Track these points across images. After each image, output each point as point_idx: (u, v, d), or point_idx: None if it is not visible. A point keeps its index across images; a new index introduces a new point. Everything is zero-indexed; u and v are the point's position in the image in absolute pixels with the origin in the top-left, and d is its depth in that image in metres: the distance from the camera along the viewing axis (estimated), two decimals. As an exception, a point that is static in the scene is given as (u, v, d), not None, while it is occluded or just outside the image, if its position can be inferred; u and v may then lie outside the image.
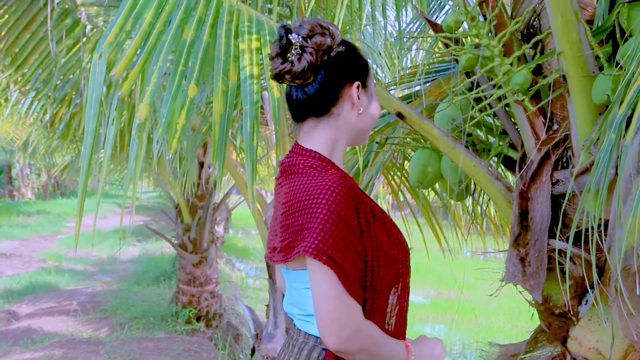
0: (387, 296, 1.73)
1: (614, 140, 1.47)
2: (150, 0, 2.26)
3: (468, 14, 2.36)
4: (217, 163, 2.11)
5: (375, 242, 1.69)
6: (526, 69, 2.32)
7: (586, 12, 2.31)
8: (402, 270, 1.75)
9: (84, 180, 2.09)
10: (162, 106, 2.11)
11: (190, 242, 8.80)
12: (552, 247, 2.34)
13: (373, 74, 1.85)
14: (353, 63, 1.78)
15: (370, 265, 1.68)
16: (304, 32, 1.72)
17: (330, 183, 1.65)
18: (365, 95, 1.80)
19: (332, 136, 1.79)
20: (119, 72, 2.11)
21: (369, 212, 1.70)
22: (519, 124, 2.47)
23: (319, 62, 1.73)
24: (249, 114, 2.17)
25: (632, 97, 1.41)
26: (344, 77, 1.76)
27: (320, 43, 1.72)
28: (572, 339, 2.38)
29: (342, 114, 1.78)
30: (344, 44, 1.78)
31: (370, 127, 1.86)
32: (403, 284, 1.78)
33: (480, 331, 10.46)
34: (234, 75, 2.26)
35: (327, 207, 1.60)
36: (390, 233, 1.74)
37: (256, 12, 2.54)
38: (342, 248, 1.59)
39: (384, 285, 1.71)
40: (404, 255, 1.76)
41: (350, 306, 1.62)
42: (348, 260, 1.60)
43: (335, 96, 1.76)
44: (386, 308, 1.73)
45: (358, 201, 1.67)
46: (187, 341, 7.72)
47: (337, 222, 1.60)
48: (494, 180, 2.47)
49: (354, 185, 1.70)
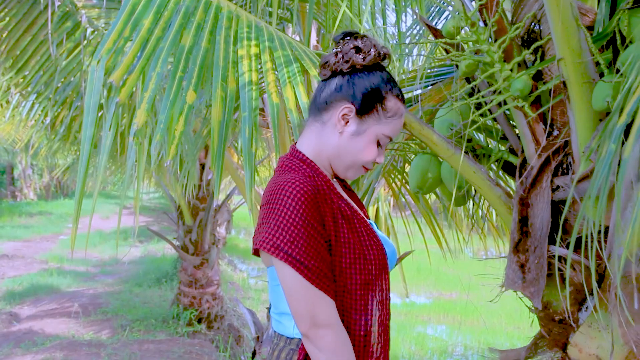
0: (362, 298, 1.74)
1: (614, 150, 1.46)
2: (149, 6, 2.25)
3: (468, 20, 2.35)
4: (215, 169, 2.10)
5: (342, 239, 1.71)
6: (526, 75, 2.30)
7: (587, 18, 2.30)
8: (375, 272, 1.75)
9: (81, 186, 2.08)
10: (161, 112, 2.10)
11: (192, 244, 8.80)
12: (552, 253, 2.33)
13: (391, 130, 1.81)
14: (361, 89, 1.78)
15: (338, 261, 1.70)
16: (352, 41, 1.80)
17: (292, 181, 1.68)
18: (355, 125, 1.78)
19: (318, 143, 1.83)
20: (117, 78, 2.10)
21: (336, 212, 1.73)
22: (519, 129, 2.47)
23: (338, 68, 1.80)
24: (248, 120, 2.17)
25: (632, 107, 1.40)
26: (342, 92, 1.79)
27: (348, 54, 1.78)
28: (572, 346, 2.37)
29: (328, 124, 1.81)
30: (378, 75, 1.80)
31: (348, 162, 1.82)
32: (381, 287, 1.78)
33: (482, 333, 10.46)
34: (232, 82, 2.25)
35: (283, 203, 1.64)
36: (361, 234, 1.76)
37: (255, 17, 2.54)
38: (301, 243, 1.62)
39: (356, 284, 1.72)
40: (377, 258, 1.76)
41: (320, 300, 1.65)
42: (310, 254, 1.63)
43: (327, 103, 1.81)
44: (366, 310, 1.74)
45: (323, 200, 1.70)
46: (188, 343, 7.72)
47: (293, 218, 1.63)
48: (494, 186, 2.46)
49: (322, 184, 1.75)
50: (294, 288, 1.65)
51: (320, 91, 1.84)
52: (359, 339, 1.74)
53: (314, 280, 1.63)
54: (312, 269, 1.63)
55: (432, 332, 10.91)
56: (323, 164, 1.84)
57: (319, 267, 1.64)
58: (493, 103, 2.40)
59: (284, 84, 2.29)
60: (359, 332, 1.74)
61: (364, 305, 1.74)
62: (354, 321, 1.73)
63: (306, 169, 1.79)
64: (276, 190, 1.69)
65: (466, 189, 2.67)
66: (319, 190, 1.72)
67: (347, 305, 1.73)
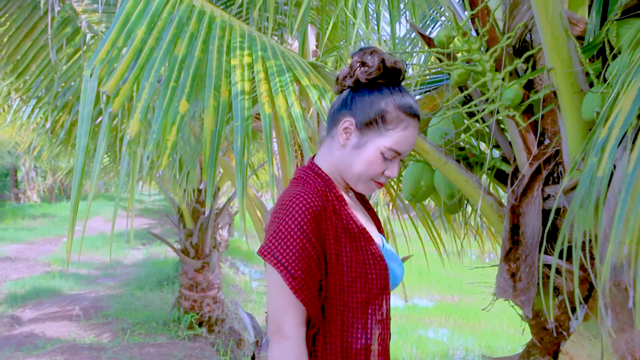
0: (363, 316, 1.76)
1: (596, 163, 1.47)
2: (142, 16, 2.27)
3: (460, 29, 2.36)
4: (207, 177, 2.12)
5: (344, 258, 1.74)
6: (517, 84, 2.32)
7: (577, 28, 2.31)
8: (376, 291, 1.77)
9: (76, 194, 2.10)
10: (154, 122, 2.12)
11: (193, 248, 8.82)
12: (543, 262, 2.34)
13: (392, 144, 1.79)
14: (361, 102, 1.80)
15: (339, 279, 1.73)
16: (360, 56, 1.81)
17: (302, 195, 1.73)
18: (356, 138, 1.79)
19: (330, 157, 1.86)
20: (110, 88, 2.12)
21: (340, 230, 1.76)
22: (511, 138, 2.48)
23: (345, 84, 1.84)
24: (240, 130, 2.18)
25: (613, 121, 1.41)
26: (344, 106, 1.82)
27: (354, 68, 1.81)
28: (563, 354, 2.38)
29: (336, 138, 1.84)
30: (383, 89, 1.80)
31: (353, 175, 1.83)
32: (381, 306, 1.79)
33: (483, 336, 10.45)
34: (225, 91, 2.27)
35: (288, 214, 1.70)
36: (365, 253, 1.77)
37: (248, 27, 2.55)
38: (293, 252, 1.66)
39: (357, 302, 1.75)
40: (379, 277, 1.78)
41: (293, 309, 1.69)
42: (298, 265, 1.66)
43: (334, 117, 1.84)
44: (365, 329, 1.76)
45: (329, 217, 1.74)
46: (189, 347, 7.73)
47: (293, 229, 1.68)
48: (485, 195, 2.47)
49: (333, 200, 1.79)
50: (274, 292, 1.70)
51: (332, 106, 1.88)
52: (359, 357, 1.76)
53: (295, 287, 1.66)
54: (296, 278, 1.66)
55: (434, 336, 10.90)
56: (336, 178, 1.87)
57: (304, 279, 1.67)
58: (485, 112, 2.41)
59: (276, 93, 2.30)
60: (359, 351, 1.76)
61: (364, 323, 1.76)
62: (355, 339, 1.76)
63: (320, 183, 1.82)
64: (286, 201, 1.74)
65: (459, 197, 2.68)
66: (326, 207, 1.75)
67: (347, 323, 1.75)
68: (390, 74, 1.81)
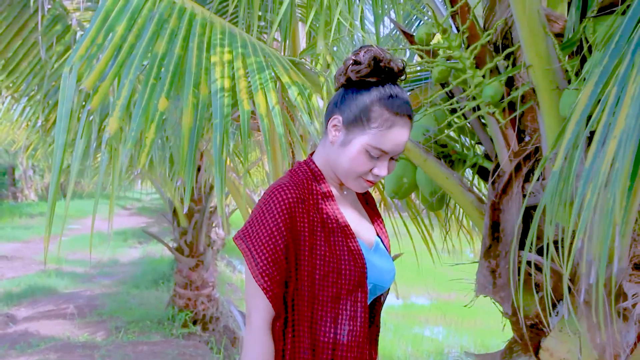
0: (333, 311, 1.77)
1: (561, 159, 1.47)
2: (122, 13, 2.27)
3: (440, 26, 2.37)
4: (185, 175, 2.12)
5: (317, 251, 1.76)
6: (497, 81, 2.32)
7: (557, 25, 2.31)
8: (349, 287, 1.77)
9: (53, 191, 2.10)
10: (132, 119, 2.12)
11: (187, 246, 8.81)
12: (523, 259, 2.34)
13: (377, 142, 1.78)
14: (347, 100, 1.81)
15: (311, 272, 1.75)
16: (355, 56, 1.82)
17: (280, 185, 1.77)
18: (343, 136, 1.81)
19: (325, 154, 1.88)
20: (89, 85, 2.12)
21: (317, 223, 1.78)
22: (493, 135, 2.48)
23: (339, 82, 1.86)
24: (219, 127, 2.18)
25: (582, 117, 1.41)
26: (336, 105, 1.84)
27: (347, 66, 1.82)
28: (544, 350, 2.39)
29: (328, 136, 1.85)
30: (372, 88, 1.80)
31: (342, 171, 1.83)
32: (353, 303, 1.79)
33: (479, 334, 10.45)
34: (204, 89, 2.27)
35: (263, 203, 1.75)
36: (340, 248, 1.78)
37: (229, 24, 2.55)
38: (261, 239, 1.71)
39: (328, 296, 1.76)
40: (353, 274, 1.78)
41: (258, 299, 1.71)
42: (264, 251, 1.70)
43: (327, 115, 1.87)
44: (335, 324, 1.77)
45: (306, 210, 1.76)
46: (183, 345, 7.73)
47: (265, 217, 1.72)
48: (466, 191, 2.48)
49: (317, 193, 1.82)
50: (247, 279, 1.75)
51: (329, 103, 1.90)
52: (326, 351, 1.77)
53: (255, 273, 1.70)
54: (259, 264, 1.69)
55: (429, 334, 10.91)
56: (329, 174, 1.89)
57: (268, 267, 1.70)
58: (466, 109, 2.41)
59: (255, 90, 2.30)
60: (327, 344, 1.77)
61: (334, 317, 1.77)
62: (322, 333, 1.77)
63: (309, 176, 1.85)
64: (268, 191, 1.78)
65: (440, 194, 2.68)
66: (305, 199, 1.77)
67: (316, 316, 1.77)
68: (383, 72, 1.80)
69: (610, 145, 1.14)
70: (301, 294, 1.75)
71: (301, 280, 1.74)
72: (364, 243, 1.87)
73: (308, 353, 1.75)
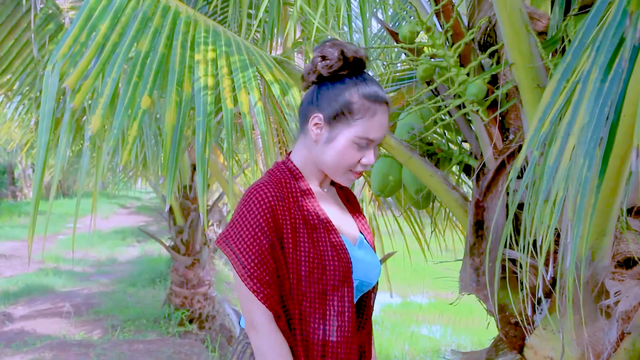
0: (321, 307, 1.77)
1: (536, 157, 1.48)
2: (106, 12, 2.27)
3: (424, 25, 2.37)
4: (168, 173, 2.12)
5: (301, 248, 1.76)
6: (481, 79, 2.32)
7: (540, 24, 2.31)
8: (334, 283, 1.77)
9: (36, 191, 2.10)
10: (115, 117, 2.12)
11: (183, 244, 8.80)
12: (508, 256, 2.35)
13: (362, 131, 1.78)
14: (326, 96, 1.80)
15: (296, 269, 1.75)
16: (320, 50, 1.81)
17: (259, 186, 1.76)
18: (327, 132, 1.80)
19: (305, 153, 1.87)
20: (72, 84, 2.12)
21: (299, 221, 1.78)
22: (478, 133, 2.48)
23: (309, 80, 1.84)
24: (202, 125, 2.18)
25: (554, 115, 1.41)
26: (310, 102, 1.83)
27: (315, 63, 1.81)
28: (528, 348, 2.39)
29: (308, 135, 1.84)
30: (346, 81, 1.80)
31: (332, 169, 1.83)
32: (340, 299, 1.79)
33: (475, 333, 10.45)
34: (188, 87, 2.27)
35: (243, 204, 1.74)
36: (323, 244, 1.78)
37: (213, 22, 2.55)
38: (245, 241, 1.70)
39: (313, 293, 1.76)
40: (338, 270, 1.78)
41: (248, 297, 1.71)
42: (250, 253, 1.69)
43: (304, 114, 1.85)
44: (323, 320, 1.77)
45: (287, 207, 1.76)
46: (178, 343, 7.73)
47: (246, 218, 1.71)
48: (450, 189, 2.48)
49: (296, 192, 1.81)
50: (238, 283, 1.73)
51: (302, 102, 1.88)
52: (317, 347, 1.77)
53: (244, 276, 1.69)
54: (247, 267, 1.68)
55: (427, 332, 10.91)
56: (308, 172, 1.88)
57: (255, 269, 1.69)
58: (450, 107, 2.42)
59: (238, 88, 2.30)
60: (316, 341, 1.77)
61: (322, 314, 1.77)
62: (312, 329, 1.77)
63: (287, 175, 1.84)
64: (247, 192, 1.77)
65: (426, 192, 2.68)
66: (284, 197, 1.77)
67: (305, 313, 1.77)
68: (352, 64, 1.81)
69: (569, 141, 1.14)
70: (290, 292, 1.75)
71: (290, 278, 1.74)
72: (347, 239, 1.87)
73: (300, 351, 1.75)
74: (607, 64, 1.13)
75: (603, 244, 2.11)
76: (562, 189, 1.26)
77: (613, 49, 1.14)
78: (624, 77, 1.15)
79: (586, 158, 1.15)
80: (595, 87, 1.13)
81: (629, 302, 2.14)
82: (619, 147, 1.54)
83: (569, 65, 1.36)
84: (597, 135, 1.11)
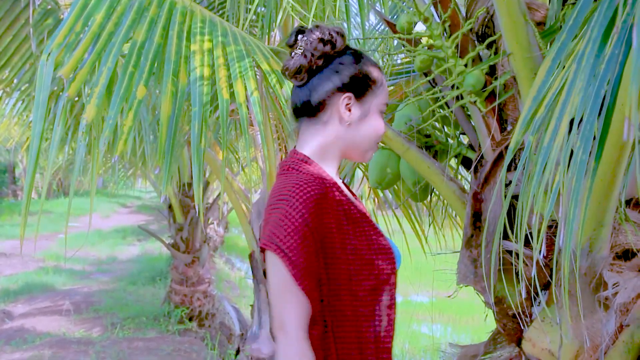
0: (371, 304, 1.71)
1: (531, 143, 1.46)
2: (102, 1, 2.25)
3: (421, 15, 2.35)
4: (163, 165, 2.10)
5: (349, 246, 1.68)
6: (479, 70, 2.31)
7: (538, 14, 2.30)
8: (383, 277, 1.72)
9: (28, 187, 2.09)
10: (110, 107, 2.11)
11: (183, 242, 8.81)
12: (506, 248, 2.33)
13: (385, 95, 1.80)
14: (349, 74, 1.76)
15: (346, 269, 1.68)
16: (311, 36, 1.76)
17: (297, 182, 1.67)
18: (360, 109, 1.76)
19: (321, 143, 1.79)
20: (67, 73, 2.11)
21: (342, 217, 1.70)
22: (476, 124, 2.47)
23: (314, 66, 1.76)
24: (198, 115, 2.17)
25: (549, 101, 1.40)
26: (333, 86, 1.75)
27: (317, 48, 1.75)
28: (526, 340, 2.37)
29: (330, 122, 1.77)
30: (349, 55, 1.78)
31: (366, 145, 1.81)
32: (389, 292, 1.73)
33: (476, 331, 10.44)
34: (184, 77, 2.25)
35: (286, 203, 1.63)
36: (369, 238, 1.73)
37: (210, 13, 2.54)
38: (294, 239, 1.59)
39: (366, 291, 1.70)
40: (385, 262, 1.73)
41: (295, 303, 1.61)
42: (300, 251, 1.59)
43: (322, 102, 1.76)
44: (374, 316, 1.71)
45: (330, 205, 1.68)
46: (178, 341, 7.73)
47: (293, 216, 1.61)
48: (448, 181, 2.46)
49: (328, 185, 1.71)
50: (276, 284, 1.64)
51: (303, 95, 1.80)
52: (370, 345, 1.71)
53: (296, 275, 1.59)
54: (297, 265, 1.59)
55: (427, 331, 10.90)
56: (326, 162, 1.80)
57: (305, 267, 1.60)
58: (448, 98, 2.40)
59: (235, 78, 2.29)
60: (369, 338, 1.71)
61: (372, 311, 1.71)
62: (366, 328, 1.71)
63: (314, 170, 1.75)
64: (285, 192, 1.67)
65: (423, 184, 2.67)
66: (327, 193, 1.69)
67: (358, 312, 1.70)
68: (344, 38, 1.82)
69: (563, 123, 1.13)
70: (339, 293, 1.68)
71: (337, 279, 1.68)
72: None
73: (355, 353, 1.70)
74: (600, 38, 1.11)
75: (601, 235, 2.09)
76: (558, 174, 1.24)
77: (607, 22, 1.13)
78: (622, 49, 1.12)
79: (582, 141, 1.13)
80: (590, 63, 1.12)
81: (628, 294, 2.13)
82: (615, 135, 1.53)
83: (563, 44, 1.34)
84: (592, 117, 1.09)
